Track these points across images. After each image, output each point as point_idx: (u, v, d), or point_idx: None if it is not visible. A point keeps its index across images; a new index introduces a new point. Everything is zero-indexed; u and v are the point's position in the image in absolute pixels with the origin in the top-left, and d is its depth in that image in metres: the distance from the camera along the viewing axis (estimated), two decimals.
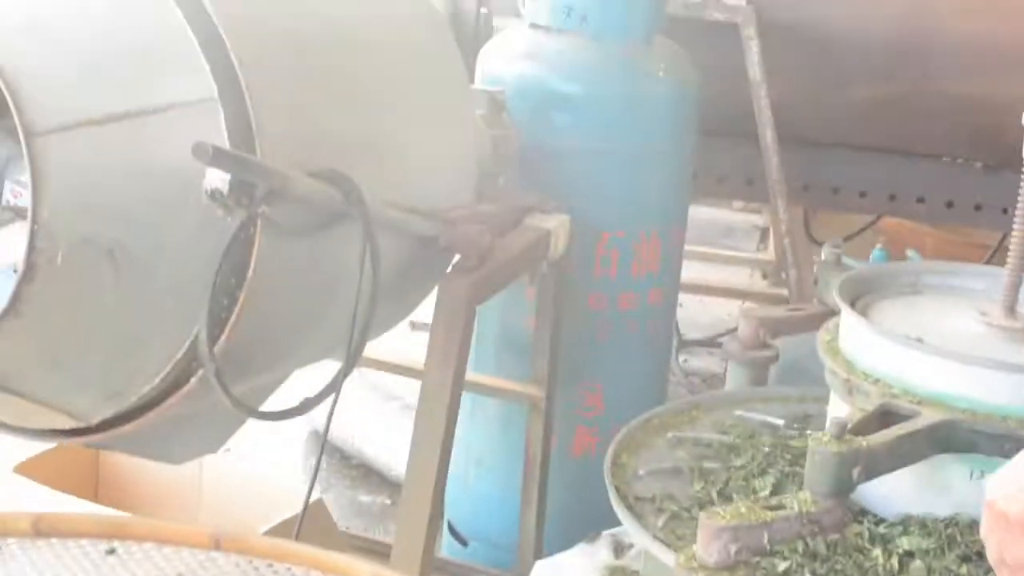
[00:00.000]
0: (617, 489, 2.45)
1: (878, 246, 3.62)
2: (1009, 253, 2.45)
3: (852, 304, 2.57)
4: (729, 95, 3.54)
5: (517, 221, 2.89)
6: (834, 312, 3.01)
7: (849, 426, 2.19)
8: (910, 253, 3.68)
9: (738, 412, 2.85)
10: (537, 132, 3.07)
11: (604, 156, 3.10)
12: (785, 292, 5.31)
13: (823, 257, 3.49)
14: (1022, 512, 1.61)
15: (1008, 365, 2.36)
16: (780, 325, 2.99)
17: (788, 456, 2.64)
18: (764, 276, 5.60)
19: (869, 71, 3.85)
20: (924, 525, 2.32)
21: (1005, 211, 4.18)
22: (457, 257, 2.72)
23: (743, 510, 2.17)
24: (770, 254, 5.55)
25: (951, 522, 2.31)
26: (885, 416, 2.29)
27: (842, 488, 2.14)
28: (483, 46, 3.30)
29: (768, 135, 3.73)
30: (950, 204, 4.18)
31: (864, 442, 2.15)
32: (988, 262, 4.58)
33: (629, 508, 2.40)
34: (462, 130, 2.77)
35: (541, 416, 3.08)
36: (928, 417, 2.25)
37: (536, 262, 2.89)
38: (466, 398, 2.89)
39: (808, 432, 2.73)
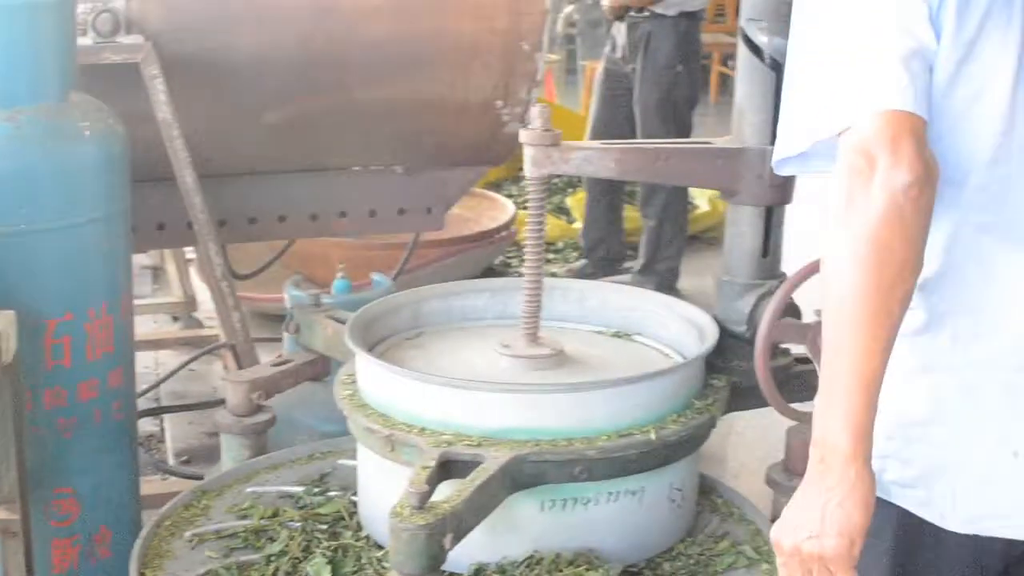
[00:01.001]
0: None
1: (339, 275, 3.43)
2: (525, 286, 2.44)
3: (369, 350, 2.39)
4: (146, 139, 3.21)
5: None
6: (325, 358, 2.82)
7: (412, 486, 2.00)
8: (376, 277, 3.52)
9: (251, 489, 2.60)
10: None
11: (34, 236, 2.70)
12: (207, 332, 5.07)
13: (289, 298, 3.27)
14: (783, 541, 1.64)
15: (561, 386, 2.29)
16: (273, 383, 2.74)
17: (324, 527, 2.42)
18: (175, 319, 5.26)
19: (280, 94, 3.65)
20: (503, 572, 2.19)
21: (429, 210, 4.16)
22: None
23: None
24: (174, 296, 5.23)
25: (531, 562, 2.19)
26: (445, 467, 2.13)
27: (436, 563, 1.96)
28: None
29: (187, 176, 3.44)
30: (373, 213, 4.09)
31: (448, 506, 1.97)
32: (407, 259, 4.56)
33: None
34: None
35: (20, 542, 2.64)
36: (496, 458, 2.11)
37: None
38: None
39: (330, 493, 2.54)
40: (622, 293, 2.71)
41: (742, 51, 2.48)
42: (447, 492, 2.04)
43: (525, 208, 6.43)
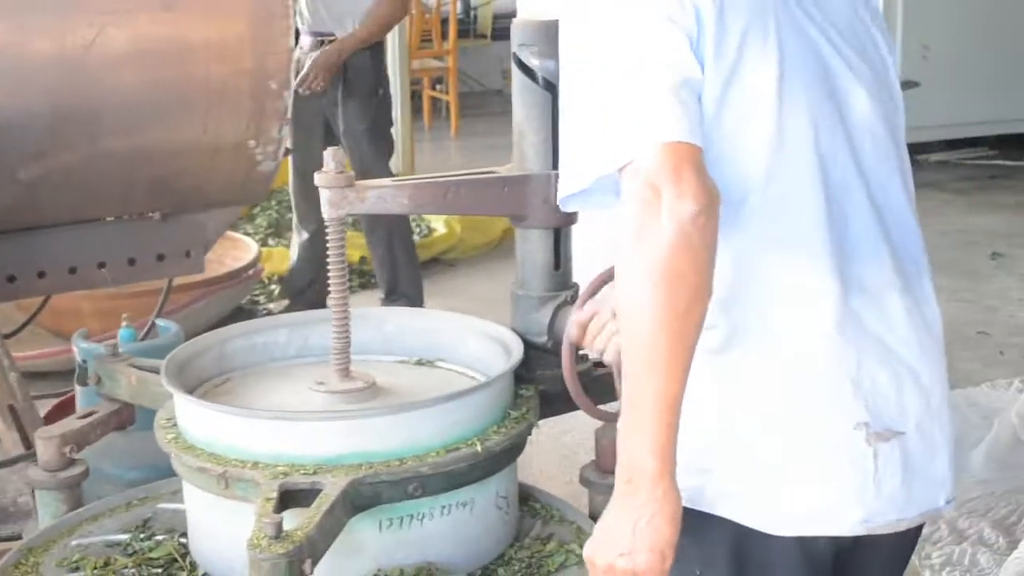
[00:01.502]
0: None
1: (124, 325, 3.42)
2: (333, 322, 2.51)
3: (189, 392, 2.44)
4: None
5: None
6: (130, 406, 2.84)
7: (265, 518, 2.06)
8: (161, 323, 3.51)
9: (76, 542, 2.60)
10: None
11: None
12: None
13: (80, 351, 3.25)
14: (596, 559, 1.73)
15: (389, 408, 2.39)
16: (84, 436, 2.74)
17: (159, 570, 2.45)
18: None
19: (33, 149, 3.60)
20: None
21: (188, 254, 4.17)
22: None
23: None
24: None
25: None
26: (285, 497, 2.20)
27: None
28: None
29: None
30: (132, 261, 4.07)
31: (302, 532, 2.04)
32: (163, 305, 4.54)
33: None
34: None
35: None
36: (335, 483, 2.20)
37: None
38: None
39: (157, 537, 2.57)
40: (418, 316, 2.83)
41: (516, 76, 2.60)
42: (290, 523, 2.10)
43: (265, 246, 6.50)
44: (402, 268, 5.91)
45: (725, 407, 1.83)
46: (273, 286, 6.36)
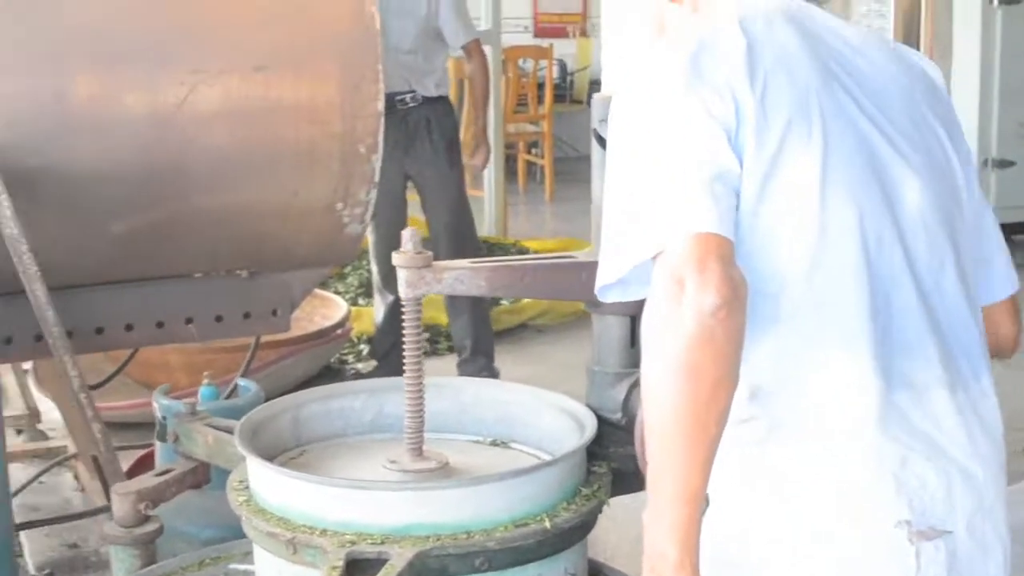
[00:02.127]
0: None
1: (205, 382, 3.44)
2: (407, 402, 2.49)
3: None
4: None
5: None
6: (205, 465, 2.85)
7: None
8: (241, 382, 3.54)
9: None
10: None
11: None
12: (54, 443, 5.00)
13: (160, 407, 3.28)
14: None
15: (459, 481, 2.37)
16: (159, 493, 2.76)
17: None
18: (19, 432, 5.17)
19: (124, 204, 3.66)
20: None
21: (275, 312, 4.20)
22: None
23: None
24: (16, 408, 5.14)
25: None
26: (352, 566, 2.19)
27: None
28: None
29: (38, 290, 3.42)
30: (219, 318, 4.11)
31: None
32: (250, 362, 4.58)
33: None
34: None
35: None
36: (402, 554, 2.18)
37: None
38: None
39: None
40: (495, 387, 2.80)
41: (596, 152, 2.59)
42: None
43: (356, 305, 6.55)
44: (482, 331, 5.93)
45: (760, 500, 1.82)
46: (362, 346, 6.40)
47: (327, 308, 6.10)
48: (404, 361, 2.47)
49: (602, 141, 2.57)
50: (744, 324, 1.66)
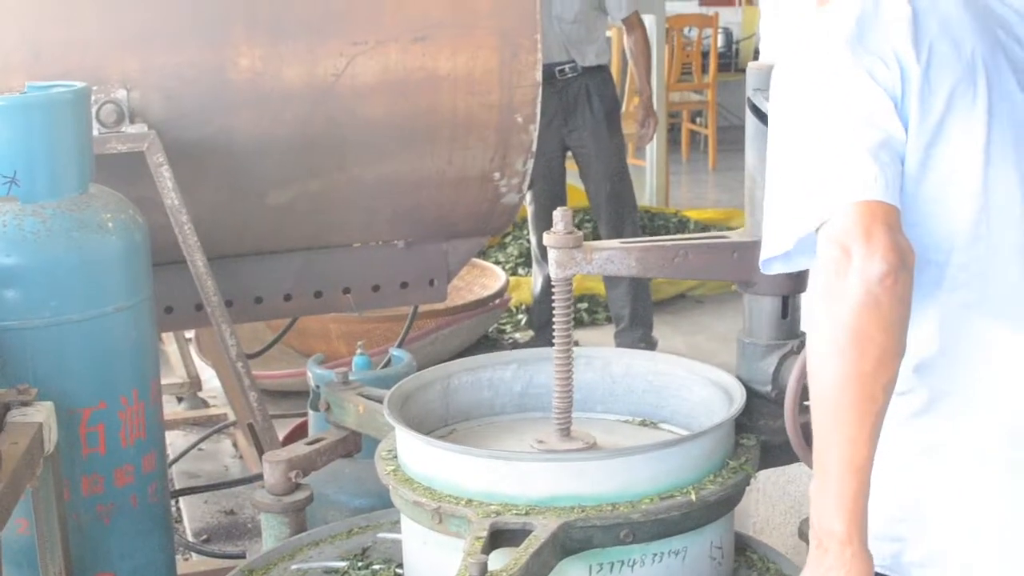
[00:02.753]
0: None
1: (359, 352, 3.48)
2: (555, 383, 2.47)
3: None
4: (150, 225, 3.25)
5: None
6: (356, 435, 2.88)
7: (471, 557, 2.05)
8: (394, 352, 3.57)
9: (295, 567, 2.65)
10: None
11: (64, 328, 2.75)
12: (213, 411, 5.12)
13: (313, 376, 3.33)
14: None
15: (604, 452, 2.36)
16: (310, 462, 2.79)
17: None
18: (180, 400, 5.30)
19: (282, 175, 3.72)
20: None
21: (432, 282, 4.23)
22: None
23: None
24: (178, 376, 5.27)
25: None
26: (496, 536, 2.19)
27: None
28: None
29: (198, 260, 3.50)
30: (376, 288, 4.16)
31: (506, 574, 2.03)
32: (407, 331, 4.62)
33: None
34: None
35: None
36: (546, 525, 2.17)
37: (35, 463, 2.50)
38: None
39: (374, 566, 2.59)
40: (645, 359, 2.78)
41: (750, 121, 2.55)
42: (499, 562, 2.09)
43: (515, 275, 6.56)
44: (640, 301, 5.90)
45: (920, 475, 1.78)
46: (520, 316, 6.41)
47: (486, 278, 6.13)
48: (554, 342, 2.45)
49: (756, 110, 2.52)
50: (911, 292, 1.63)
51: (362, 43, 3.68)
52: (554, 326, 2.45)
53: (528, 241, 6.46)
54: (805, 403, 2.37)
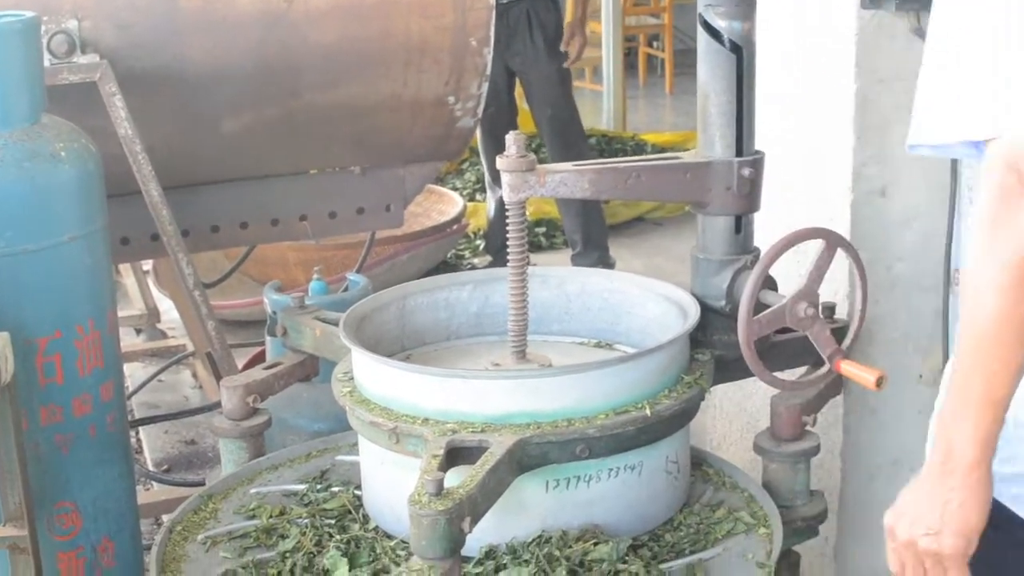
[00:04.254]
0: None
1: (315, 277, 3.47)
2: (510, 305, 2.48)
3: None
4: (104, 155, 3.24)
5: None
6: (314, 358, 2.89)
7: (427, 475, 2.07)
8: (351, 277, 3.56)
9: (255, 490, 2.67)
10: None
11: (19, 258, 2.74)
12: (172, 342, 5.12)
13: (270, 303, 3.33)
14: (898, 531, 1.74)
15: (559, 369, 2.38)
16: (267, 387, 2.80)
17: (332, 521, 2.50)
18: (138, 332, 5.29)
19: (236, 103, 3.71)
20: (514, 552, 2.27)
21: (388, 208, 4.23)
22: None
23: None
24: (136, 308, 5.26)
25: (540, 540, 2.28)
26: (453, 454, 2.21)
27: (456, 546, 2.04)
28: None
29: (152, 189, 3.49)
30: (333, 215, 4.17)
31: (463, 491, 2.05)
32: (365, 257, 4.63)
33: None
34: None
35: (29, 557, 2.69)
36: (502, 442, 2.20)
37: None
38: None
39: (333, 488, 2.61)
40: (601, 276, 2.79)
41: (702, 37, 2.54)
42: (455, 479, 2.11)
43: (472, 200, 6.56)
44: (593, 224, 5.92)
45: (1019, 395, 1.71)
46: (479, 241, 6.42)
47: (443, 204, 6.13)
48: (508, 264, 2.46)
49: (708, 26, 2.50)
50: None
51: None
52: (508, 250, 2.45)
53: (483, 167, 6.46)
54: (756, 317, 2.39)
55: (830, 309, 2.68)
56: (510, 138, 2.42)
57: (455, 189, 6.74)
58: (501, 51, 5.60)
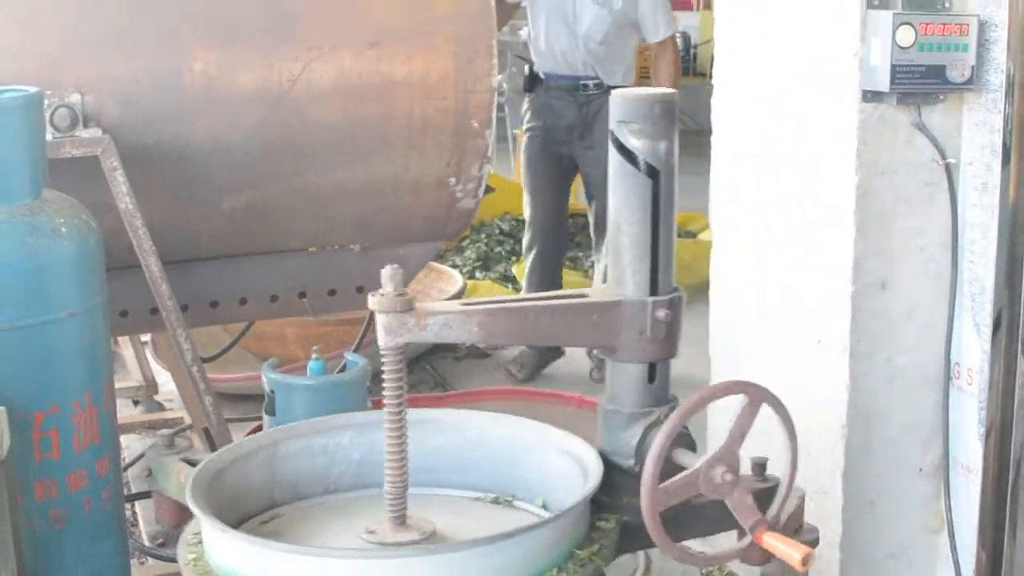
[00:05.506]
0: None
1: (314, 356, 3.47)
2: (387, 465, 2.23)
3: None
4: (105, 229, 3.25)
5: None
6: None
7: None
8: (349, 356, 3.53)
9: None
10: None
11: (17, 333, 2.75)
12: (170, 415, 5.11)
13: (268, 381, 3.32)
14: None
15: (426, 549, 2.17)
16: None
17: None
18: (136, 403, 5.29)
19: (238, 180, 3.74)
20: None
21: None
22: None
23: None
24: (134, 380, 5.26)
25: None
26: None
27: None
28: None
29: (152, 264, 3.51)
30: (332, 292, 4.17)
31: None
32: (364, 335, 4.62)
33: None
34: None
35: None
36: None
37: None
38: None
39: None
40: (501, 422, 2.54)
41: (614, 157, 2.28)
42: None
43: (472, 278, 6.58)
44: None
45: None
46: None
47: (443, 282, 6.13)
48: (385, 419, 2.20)
49: (620, 146, 2.26)
50: None
51: (317, 48, 3.69)
52: (385, 398, 2.19)
53: (485, 245, 6.48)
54: (664, 485, 2.12)
55: (760, 466, 2.37)
56: (385, 273, 2.17)
57: (455, 266, 6.75)
58: (575, 140, 5.60)
